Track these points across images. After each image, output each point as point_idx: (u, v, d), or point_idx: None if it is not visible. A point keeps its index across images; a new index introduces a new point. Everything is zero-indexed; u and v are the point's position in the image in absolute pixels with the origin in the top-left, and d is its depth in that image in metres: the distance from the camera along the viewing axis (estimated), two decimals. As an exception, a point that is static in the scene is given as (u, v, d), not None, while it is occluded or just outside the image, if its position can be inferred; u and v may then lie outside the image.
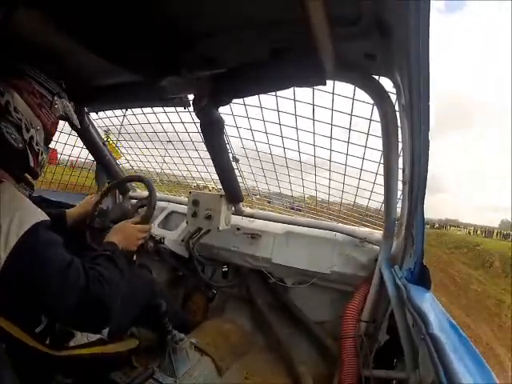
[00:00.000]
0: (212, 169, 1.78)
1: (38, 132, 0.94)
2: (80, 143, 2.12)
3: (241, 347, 1.65)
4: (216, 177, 1.76)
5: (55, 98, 1.00)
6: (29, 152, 0.92)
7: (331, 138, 1.38)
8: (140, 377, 1.21)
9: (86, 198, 1.64)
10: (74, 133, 2.02)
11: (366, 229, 1.70)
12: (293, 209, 2.28)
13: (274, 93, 1.29)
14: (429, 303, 0.96)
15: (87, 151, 2.12)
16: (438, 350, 0.70)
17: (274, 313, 1.83)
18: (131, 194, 2.30)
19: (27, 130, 0.90)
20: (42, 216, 0.84)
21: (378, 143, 1.24)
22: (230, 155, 1.63)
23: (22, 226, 0.77)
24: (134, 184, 2.31)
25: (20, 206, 0.81)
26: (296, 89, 1.22)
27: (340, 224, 1.78)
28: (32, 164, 0.95)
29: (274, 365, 1.60)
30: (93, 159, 2.17)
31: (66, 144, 2.16)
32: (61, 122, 1.29)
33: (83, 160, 2.32)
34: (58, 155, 2.33)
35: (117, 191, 2.00)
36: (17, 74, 0.89)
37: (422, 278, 1.15)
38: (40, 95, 0.94)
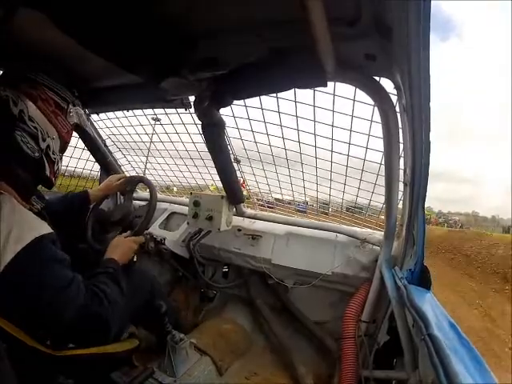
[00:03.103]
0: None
1: (54, 141, 0.94)
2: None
3: (241, 347, 1.66)
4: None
5: (70, 106, 1.00)
6: (45, 161, 0.93)
7: (332, 139, 1.38)
8: (140, 376, 1.21)
9: (110, 178, 1.71)
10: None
11: (367, 230, 1.70)
12: (299, 211, 2.27)
13: (274, 94, 1.30)
14: (429, 304, 0.96)
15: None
16: (437, 351, 0.70)
17: (275, 313, 1.83)
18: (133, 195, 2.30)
19: (43, 140, 0.90)
20: (43, 230, 0.81)
21: (379, 144, 1.24)
22: (232, 156, 1.64)
23: (19, 242, 0.74)
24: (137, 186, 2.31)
25: (19, 219, 0.78)
26: (297, 90, 1.22)
27: (341, 225, 1.78)
28: (48, 173, 0.95)
29: (273, 365, 1.61)
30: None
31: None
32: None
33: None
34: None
35: (117, 192, 2.00)
36: (30, 82, 0.90)
37: (422, 278, 1.15)
38: (55, 103, 0.94)
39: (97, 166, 2.24)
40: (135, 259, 1.76)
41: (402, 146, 1.13)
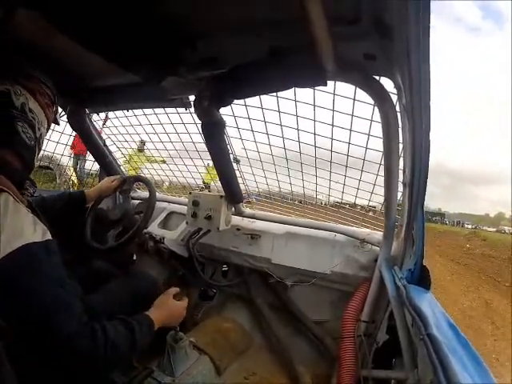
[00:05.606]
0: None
1: (44, 130, 1.01)
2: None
3: (240, 346, 1.65)
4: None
5: (56, 98, 1.05)
6: (37, 149, 0.98)
7: (332, 139, 1.38)
8: (139, 376, 1.21)
9: (106, 179, 1.72)
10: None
11: (366, 229, 1.71)
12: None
13: (274, 93, 1.30)
14: (428, 303, 0.96)
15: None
16: (436, 350, 0.70)
17: (274, 312, 1.83)
18: (132, 194, 2.30)
19: (38, 129, 0.96)
20: (34, 237, 0.75)
21: (378, 144, 1.24)
22: (231, 156, 1.64)
23: (5, 248, 0.70)
24: (134, 184, 2.31)
25: (11, 221, 0.73)
26: (297, 89, 1.22)
27: (340, 225, 1.78)
28: (35, 160, 1.00)
29: (273, 364, 1.61)
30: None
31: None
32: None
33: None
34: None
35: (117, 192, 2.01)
36: (27, 76, 0.94)
37: (421, 278, 1.15)
38: (48, 97, 1.00)
39: (96, 166, 2.24)
40: (134, 258, 1.77)
41: (401, 146, 1.13)
